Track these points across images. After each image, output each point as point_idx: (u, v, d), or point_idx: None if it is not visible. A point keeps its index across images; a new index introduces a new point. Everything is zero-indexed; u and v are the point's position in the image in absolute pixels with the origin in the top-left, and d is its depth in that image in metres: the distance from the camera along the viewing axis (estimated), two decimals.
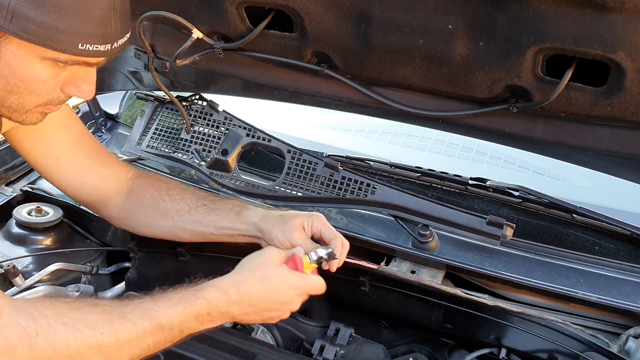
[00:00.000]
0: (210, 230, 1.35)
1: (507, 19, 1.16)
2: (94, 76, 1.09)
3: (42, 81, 1.02)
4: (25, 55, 0.98)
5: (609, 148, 1.35)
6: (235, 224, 1.33)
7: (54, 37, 0.95)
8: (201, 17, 1.48)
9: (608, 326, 1.37)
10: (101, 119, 2.15)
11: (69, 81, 1.06)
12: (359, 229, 1.56)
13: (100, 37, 0.99)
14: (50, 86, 1.04)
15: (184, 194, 1.41)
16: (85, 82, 1.07)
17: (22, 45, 0.97)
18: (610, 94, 1.21)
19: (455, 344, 1.50)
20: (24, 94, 1.03)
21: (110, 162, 1.45)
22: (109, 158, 1.46)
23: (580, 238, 1.54)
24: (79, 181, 1.40)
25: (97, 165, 1.41)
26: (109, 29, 1.00)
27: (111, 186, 1.42)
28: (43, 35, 0.95)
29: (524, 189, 1.56)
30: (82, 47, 0.98)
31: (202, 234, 1.37)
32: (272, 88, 1.67)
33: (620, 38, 1.08)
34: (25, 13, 0.93)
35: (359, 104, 1.56)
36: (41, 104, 1.07)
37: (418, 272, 1.44)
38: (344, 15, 1.32)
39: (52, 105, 1.09)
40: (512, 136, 1.44)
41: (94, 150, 1.42)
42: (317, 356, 1.32)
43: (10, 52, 0.98)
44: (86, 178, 1.40)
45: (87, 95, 1.08)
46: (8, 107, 1.06)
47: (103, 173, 1.42)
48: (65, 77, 1.05)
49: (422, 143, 2.17)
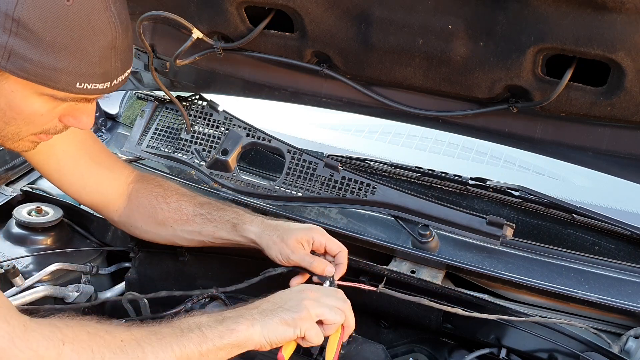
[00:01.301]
0: (210, 240, 1.38)
1: (507, 19, 1.16)
2: (93, 108, 1.08)
3: (39, 114, 1.02)
4: (22, 91, 0.97)
5: (609, 148, 1.35)
6: (232, 237, 1.34)
7: (51, 77, 0.94)
8: (201, 17, 1.48)
9: (608, 326, 1.37)
10: (101, 119, 2.15)
11: (68, 113, 1.05)
12: (359, 229, 1.56)
13: (99, 75, 0.98)
14: (48, 118, 1.04)
15: (180, 201, 1.40)
16: (85, 115, 1.06)
17: (19, 82, 0.95)
18: (610, 94, 1.21)
19: (455, 344, 1.50)
20: (21, 125, 1.03)
21: (112, 166, 1.45)
22: (111, 161, 1.45)
23: (580, 238, 1.54)
24: (80, 183, 1.40)
25: (99, 168, 1.41)
26: (109, 67, 0.99)
27: (112, 190, 1.43)
28: (40, 74, 0.93)
29: (524, 189, 1.56)
30: (80, 86, 0.97)
31: (201, 242, 1.39)
32: (272, 88, 1.67)
33: (620, 38, 1.08)
34: (22, 52, 0.91)
35: (359, 104, 1.56)
36: (37, 133, 1.07)
37: (418, 272, 1.44)
38: (344, 15, 1.32)
39: (50, 133, 1.08)
40: (512, 136, 1.44)
41: (96, 152, 1.42)
42: (317, 356, 1.32)
43: (7, 88, 0.97)
44: (87, 180, 1.40)
45: (86, 127, 1.08)
46: (3, 137, 1.06)
47: (104, 176, 1.42)
48: (63, 109, 1.04)
49: (422, 143, 2.17)
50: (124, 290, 1.62)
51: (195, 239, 1.39)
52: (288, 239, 1.26)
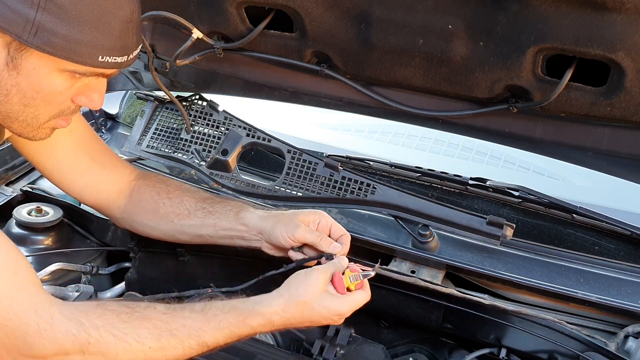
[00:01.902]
0: (209, 233, 1.36)
1: (507, 19, 1.16)
2: (104, 86, 1.11)
3: (58, 92, 1.04)
4: (45, 67, 1.00)
5: (609, 148, 1.35)
6: (234, 225, 1.33)
7: (76, 50, 0.98)
8: (201, 17, 1.48)
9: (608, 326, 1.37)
10: (101, 119, 2.15)
11: (80, 92, 1.08)
12: (359, 229, 1.56)
13: (119, 49, 1.02)
14: (65, 97, 1.06)
15: (183, 196, 1.41)
16: (96, 92, 1.09)
17: (42, 57, 0.98)
18: (610, 94, 1.21)
19: (455, 344, 1.50)
20: (40, 106, 1.05)
21: (113, 164, 1.45)
22: (111, 159, 1.46)
23: (580, 238, 1.54)
24: (81, 183, 1.41)
25: (99, 167, 1.41)
26: (127, 41, 1.03)
27: (113, 188, 1.43)
28: (66, 48, 0.97)
29: (524, 189, 1.56)
30: (102, 59, 1.01)
31: (200, 237, 1.38)
32: (272, 88, 1.67)
33: (620, 38, 1.08)
34: (50, 27, 0.95)
35: (359, 104, 1.56)
36: (53, 116, 1.08)
37: (418, 272, 1.44)
38: (344, 15, 1.32)
39: (64, 116, 1.10)
40: (512, 136, 1.44)
41: (96, 151, 1.43)
42: (317, 356, 1.32)
43: (29, 65, 0.99)
44: (88, 180, 1.40)
45: (97, 105, 1.10)
46: (22, 122, 1.07)
47: (105, 175, 1.42)
48: (77, 88, 1.07)
49: (422, 143, 2.17)
50: (124, 290, 1.62)
51: (196, 234, 1.38)
52: (294, 217, 1.28)
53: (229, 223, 1.34)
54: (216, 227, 1.35)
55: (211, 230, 1.36)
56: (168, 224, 1.39)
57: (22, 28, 0.94)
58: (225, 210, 1.36)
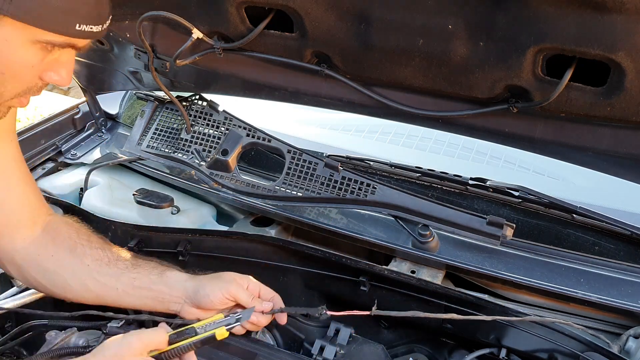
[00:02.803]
0: (125, 289, 1.26)
1: (507, 19, 1.16)
2: (73, 61, 1.08)
3: (30, 66, 1.01)
4: (18, 38, 0.97)
5: (609, 148, 1.34)
6: (156, 285, 1.26)
7: (53, 18, 0.95)
8: (201, 17, 1.48)
9: (608, 326, 1.38)
10: (101, 119, 2.15)
11: (50, 67, 1.05)
12: (359, 229, 1.56)
13: (95, 17, 1.00)
14: (34, 72, 1.03)
15: (104, 244, 1.33)
16: (65, 67, 1.06)
17: (17, 27, 0.95)
18: (610, 94, 1.21)
19: (455, 344, 1.50)
20: (8, 81, 1.02)
21: (36, 190, 1.36)
22: (35, 184, 1.37)
23: (580, 238, 1.54)
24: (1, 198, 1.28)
25: (26, 187, 1.31)
26: (102, 9, 1.02)
27: (28, 215, 1.31)
28: (43, 15, 0.94)
29: (524, 189, 1.56)
30: (79, 28, 0.98)
31: (113, 291, 1.27)
32: (272, 88, 1.67)
33: (620, 38, 1.08)
34: None
35: (359, 104, 1.56)
36: (19, 94, 1.05)
37: (418, 272, 1.44)
38: (344, 15, 1.32)
39: (29, 94, 1.07)
40: (512, 136, 1.44)
41: (25, 170, 1.33)
42: (317, 356, 1.32)
43: (2, 37, 0.96)
44: (10, 196, 1.28)
45: (65, 81, 1.07)
46: None
47: (27, 197, 1.31)
48: (46, 63, 1.04)
49: (422, 143, 2.17)
50: None
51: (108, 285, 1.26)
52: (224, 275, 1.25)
53: (150, 282, 1.26)
54: (135, 283, 1.26)
55: (128, 286, 1.26)
56: (82, 268, 1.27)
57: None
58: (149, 267, 1.29)
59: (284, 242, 1.55)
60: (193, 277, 1.27)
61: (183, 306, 1.26)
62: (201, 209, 1.85)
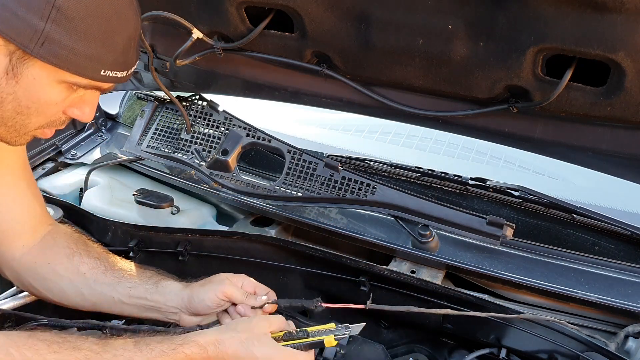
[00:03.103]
0: (121, 298, 1.28)
1: (507, 19, 1.16)
2: (97, 100, 1.12)
3: (54, 103, 1.04)
4: (45, 78, 1.00)
5: (609, 148, 1.34)
6: (151, 295, 1.27)
7: (81, 63, 0.98)
8: (201, 17, 1.48)
9: (608, 326, 1.37)
10: (101, 119, 2.15)
11: (74, 104, 1.08)
12: (359, 229, 1.56)
13: (121, 64, 1.04)
14: (58, 108, 1.06)
15: (101, 253, 1.34)
16: (89, 106, 1.09)
17: (44, 68, 0.98)
18: (610, 94, 1.21)
19: (455, 344, 1.50)
20: (32, 115, 1.04)
21: (41, 200, 1.37)
22: (40, 194, 1.38)
23: (580, 238, 1.54)
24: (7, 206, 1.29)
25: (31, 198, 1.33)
26: (128, 57, 1.05)
27: (30, 224, 1.32)
28: (71, 60, 0.97)
29: (524, 189, 1.56)
30: (104, 74, 1.02)
31: (109, 300, 1.28)
32: (272, 88, 1.67)
33: (620, 38, 1.08)
34: (58, 39, 0.95)
35: (359, 104, 1.56)
36: (42, 126, 1.08)
37: (418, 272, 1.44)
38: (344, 15, 1.32)
39: (52, 127, 1.10)
40: (512, 136, 1.44)
41: (31, 180, 1.36)
42: (317, 356, 1.32)
43: (30, 75, 0.99)
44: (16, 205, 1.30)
45: (87, 118, 1.11)
46: (10, 127, 1.06)
47: (32, 207, 1.33)
48: (71, 100, 1.07)
49: (422, 143, 2.17)
50: None
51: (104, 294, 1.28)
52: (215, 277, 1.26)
53: (145, 291, 1.27)
54: (131, 293, 1.27)
55: (125, 295, 1.27)
56: (78, 276, 1.29)
57: (29, 38, 0.94)
58: (145, 276, 1.30)
59: (284, 242, 1.55)
60: (187, 285, 1.27)
61: (180, 315, 1.27)
62: (201, 209, 1.85)
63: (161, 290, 1.26)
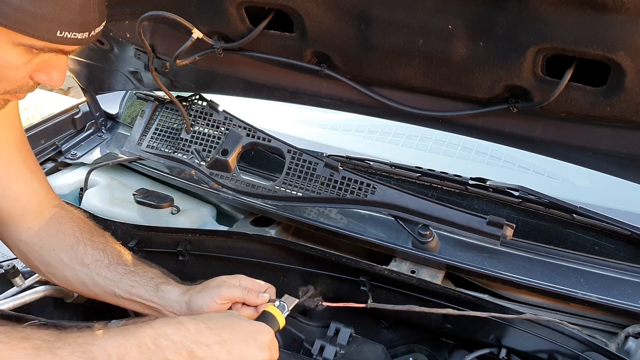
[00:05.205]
0: (122, 294, 1.27)
1: (507, 19, 1.16)
2: (65, 64, 1.06)
3: (14, 67, 1.00)
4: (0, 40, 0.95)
5: (609, 148, 1.34)
6: (151, 297, 1.25)
7: (32, 24, 0.93)
8: (201, 17, 1.48)
9: (608, 326, 1.38)
10: (101, 119, 2.16)
11: (40, 68, 1.03)
12: (359, 229, 1.56)
13: (79, 25, 0.98)
14: (22, 73, 1.02)
15: (106, 244, 1.32)
16: (56, 70, 1.05)
17: None
18: (610, 94, 1.21)
19: (455, 344, 1.50)
20: None
21: (42, 179, 1.33)
22: (41, 174, 1.34)
23: (580, 238, 1.54)
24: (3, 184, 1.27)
25: (29, 175, 1.30)
26: (88, 17, 0.99)
27: (33, 203, 1.30)
28: (21, 21, 0.92)
29: (524, 189, 1.56)
30: (61, 35, 0.96)
31: (110, 294, 1.28)
32: (272, 88, 1.67)
33: (620, 38, 1.08)
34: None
35: (359, 104, 1.56)
36: (9, 92, 1.04)
37: (418, 272, 1.44)
38: (344, 15, 1.32)
39: (21, 93, 1.06)
40: (512, 136, 1.44)
41: (29, 158, 1.32)
42: (317, 356, 1.32)
43: None
44: (12, 183, 1.27)
45: (57, 83, 1.05)
46: None
47: (31, 186, 1.30)
48: (36, 64, 1.02)
49: (422, 143, 2.17)
50: None
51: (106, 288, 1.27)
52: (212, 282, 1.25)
53: (146, 292, 1.26)
54: (132, 291, 1.26)
55: (126, 292, 1.26)
56: (82, 267, 1.28)
57: None
58: (147, 276, 1.28)
59: (284, 242, 1.55)
60: (187, 291, 1.26)
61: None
62: (201, 209, 1.85)
63: (160, 295, 1.25)
